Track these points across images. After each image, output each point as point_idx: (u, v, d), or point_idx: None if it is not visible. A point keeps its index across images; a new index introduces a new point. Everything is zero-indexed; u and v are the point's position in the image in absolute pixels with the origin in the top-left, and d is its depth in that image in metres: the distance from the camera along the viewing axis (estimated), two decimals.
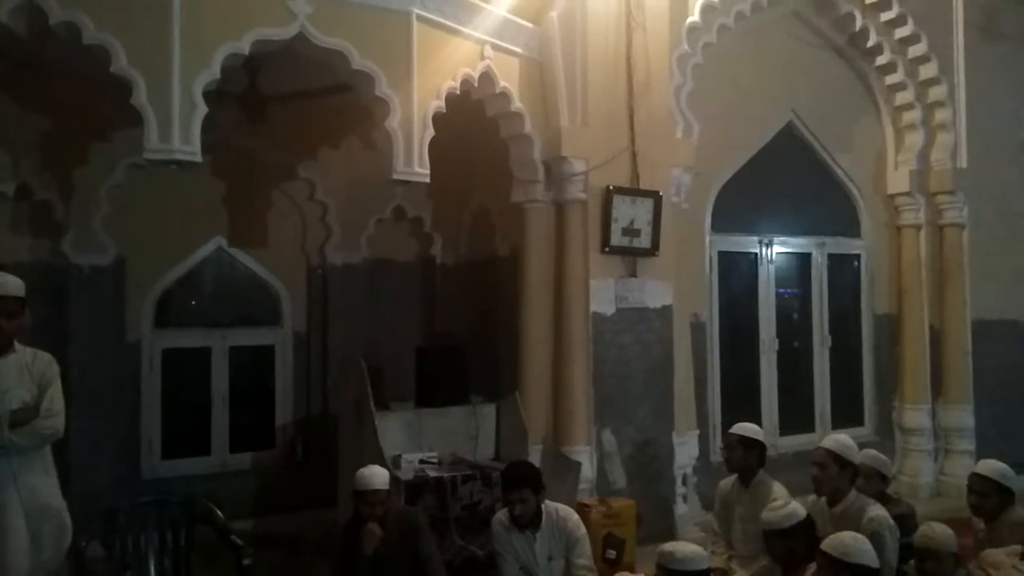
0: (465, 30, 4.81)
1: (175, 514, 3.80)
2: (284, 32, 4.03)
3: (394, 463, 4.75)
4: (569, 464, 5.06)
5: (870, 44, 6.88)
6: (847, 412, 7.14)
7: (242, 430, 6.21)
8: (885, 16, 6.79)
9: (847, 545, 2.88)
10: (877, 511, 3.54)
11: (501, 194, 5.68)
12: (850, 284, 7.28)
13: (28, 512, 3.23)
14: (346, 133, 6.22)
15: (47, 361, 3.39)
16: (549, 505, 3.81)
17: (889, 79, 7.05)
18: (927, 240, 7.13)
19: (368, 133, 5.72)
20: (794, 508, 3.36)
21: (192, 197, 5.84)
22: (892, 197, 7.22)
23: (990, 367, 7.15)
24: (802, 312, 7.08)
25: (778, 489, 3.93)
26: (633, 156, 5.42)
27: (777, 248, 6.85)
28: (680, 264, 5.76)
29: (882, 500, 3.88)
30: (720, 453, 5.21)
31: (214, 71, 3.80)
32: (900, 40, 6.90)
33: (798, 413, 6.90)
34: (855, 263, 7.27)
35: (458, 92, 4.78)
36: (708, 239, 6.36)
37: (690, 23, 5.77)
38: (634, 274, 5.44)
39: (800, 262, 7.06)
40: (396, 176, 4.41)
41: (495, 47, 5.02)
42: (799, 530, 3.28)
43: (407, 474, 4.74)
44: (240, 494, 5.87)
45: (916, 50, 6.91)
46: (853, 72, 7.13)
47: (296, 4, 4.04)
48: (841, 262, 7.21)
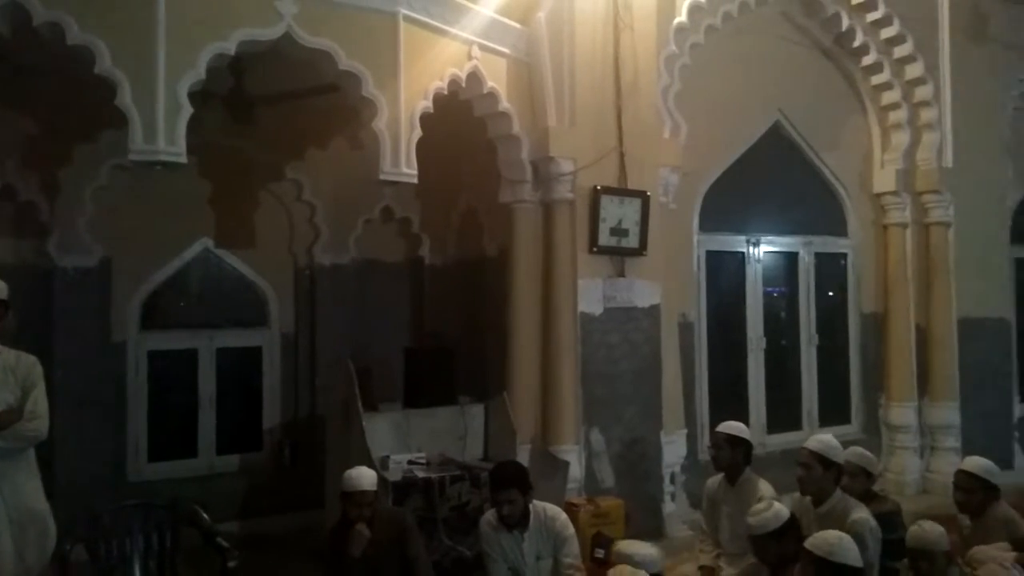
0: (452, 30, 4.80)
1: (160, 517, 3.78)
2: (270, 32, 4.01)
3: (382, 464, 4.74)
4: (557, 464, 5.07)
5: (856, 44, 6.92)
6: (834, 410, 7.18)
7: (229, 432, 6.17)
8: (871, 17, 6.83)
9: (831, 544, 2.89)
10: (860, 513, 3.55)
11: (489, 194, 5.68)
12: (837, 283, 7.32)
13: (12, 515, 3.22)
14: (333, 133, 6.20)
15: (31, 363, 3.37)
16: (537, 505, 3.81)
17: (875, 79, 7.10)
18: (913, 239, 7.18)
19: (356, 133, 5.70)
20: (778, 509, 3.31)
21: (178, 198, 5.80)
22: (878, 196, 7.27)
23: (975, 365, 7.20)
24: (789, 311, 7.13)
25: (764, 487, 3.95)
26: (621, 156, 5.42)
27: (764, 247, 6.88)
28: (668, 264, 5.77)
29: (868, 498, 3.91)
30: (708, 452, 5.23)
31: (199, 72, 3.77)
32: (886, 40, 6.95)
33: (786, 411, 6.94)
34: (842, 262, 7.32)
35: (446, 92, 4.78)
36: (696, 239, 6.38)
37: (677, 24, 5.78)
38: (622, 274, 5.45)
39: (787, 261, 7.10)
40: (383, 177, 4.40)
41: (482, 47, 5.01)
42: (787, 531, 3.27)
43: (395, 475, 4.73)
44: (227, 496, 5.85)
45: (902, 50, 6.95)
46: (840, 72, 7.18)
47: (282, 4, 4.02)
48: (828, 261, 7.25)
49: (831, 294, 7.31)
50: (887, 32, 6.89)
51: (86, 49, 3.60)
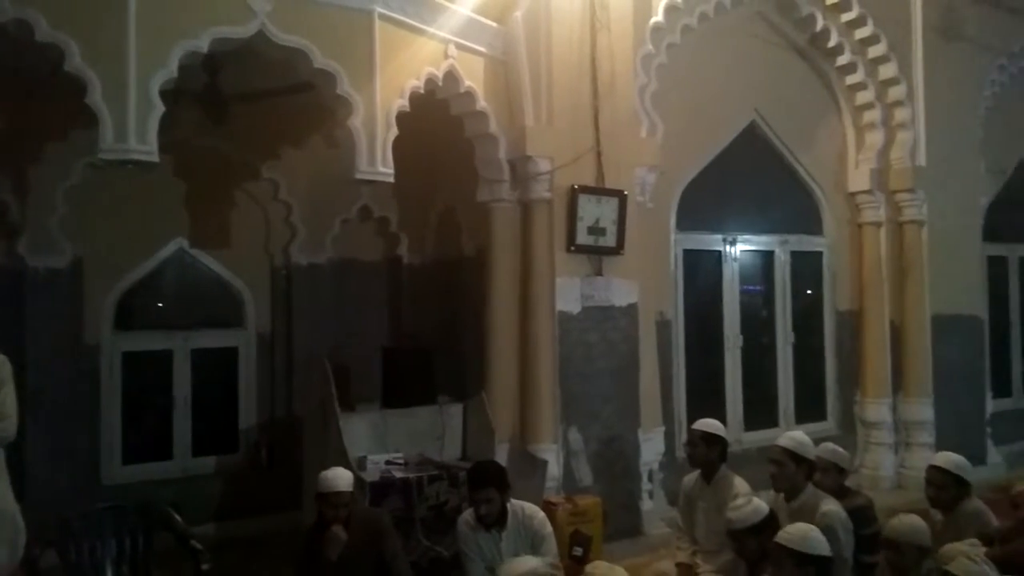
0: (428, 29, 4.79)
1: (133, 520, 3.73)
2: (244, 30, 3.97)
3: (359, 464, 4.73)
4: (536, 463, 5.07)
5: (831, 44, 6.98)
6: (810, 407, 7.25)
7: (205, 434, 6.10)
8: (846, 17, 6.90)
9: (800, 536, 2.97)
10: (830, 506, 3.60)
11: (467, 194, 5.68)
12: (812, 281, 7.39)
13: None
14: (310, 132, 6.15)
15: None
16: (515, 503, 3.81)
17: (850, 79, 7.17)
18: (887, 237, 7.26)
19: (332, 132, 5.65)
20: (757, 505, 3.39)
21: (152, 198, 5.74)
22: (853, 195, 7.34)
23: (949, 361, 7.30)
24: (766, 309, 7.18)
25: (739, 484, 3.98)
26: (598, 155, 5.44)
27: (741, 246, 6.93)
28: (645, 262, 5.80)
29: (841, 493, 3.95)
30: (684, 449, 5.25)
31: (171, 70, 3.73)
32: (860, 41, 7.02)
33: (762, 409, 6.99)
34: (817, 260, 7.38)
35: (422, 91, 4.77)
36: (673, 237, 6.41)
37: (654, 23, 5.80)
38: (600, 273, 5.46)
39: (763, 260, 7.16)
40: (359, 176, 4.38)
41: (459, 46, 5.01)
42: (766, 526, 3.31)
43: (373, 475, 4.72)
44: (203, 498, 5.80)
45: (876, 50, 7.03)
46: (815, 72, 7.24)
47: (256, 2, 3.97)
48: (804, 259, 7.31)
49: (807, 292, 7.37)
50: (861, 32, 6.96)
51: (55, 47, 3.55)
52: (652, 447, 5.75)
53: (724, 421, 5.29)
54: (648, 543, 5.34)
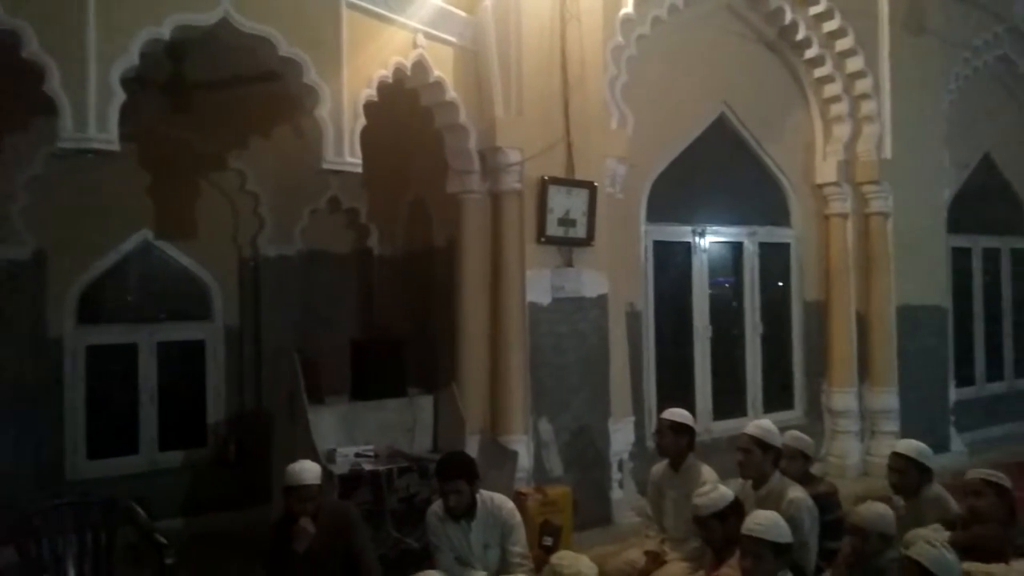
0: (397, 18, 4.75)
1: (95, 515, 3.68)
2: (207, 17, 3.91)
3: (328, 457, 4.70)
4: (506, 453, 5.07)
5: (799, 37, 7.04)
6: (778, 396, 7.33)
7: (172, 428, 6.02)
8: (814, 10, 6.96)
9: (772, 524, 3.03)
10: (796, 493, 3.65)
11: (437, 185, 5.64)
12: (780, 272, 7.45)
13: None
14: (277, 122, 6.07)
15: None
16: (484, 494, 3.81)
17: (817, 72, 7.23)
18: (854, 229, 7.34)
19: (300, 122, 5.60)
20: (723, 491, 3.45)
21: (116, 188, 5.64)
22: (820, 187, 7.42)
23: (914, 351, 7.42)
24: (735, 300, 7.23)
25: (707, 472, 4.02)
26: (568, 147, 5.43)
27: (710, 237, 6.97)
28: (616, 254, 5.81)
29: (805, 479, 4.01)
30: (653, 439, 5.29)
31: (132, 57, 3.66)
32: (828, 34, 7.08)
33: (731, 398, 7.06)
34: (785, 252, 7.45)
35: (391, 81, 4.73)
36: (643, 229, 6.44)
37: (624, 15, 5.80)
38: (570, 264, 5.47)
39: (733, 251, 7.21)
40: (326, 166, 4.34)
41: (428, 36, 4.97)
42: (732, 512, 3.36)
43: (342, 468, 4.69)
44: (171, 493, 5.74)
45: (843, 44, 7.10)
46: (783, 65, 7.30)
47: None
48: (772, 251, 7.37)
49: (776, 283, 7.44)
50: (829, 26, 7.02)
51: (12, 33, 3.47)
52: (622, 437, 5.78)
53: (693, 411, 5.34)
54: (618, 532, 5.37)
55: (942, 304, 7.80)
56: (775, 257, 7.40)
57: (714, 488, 3.45)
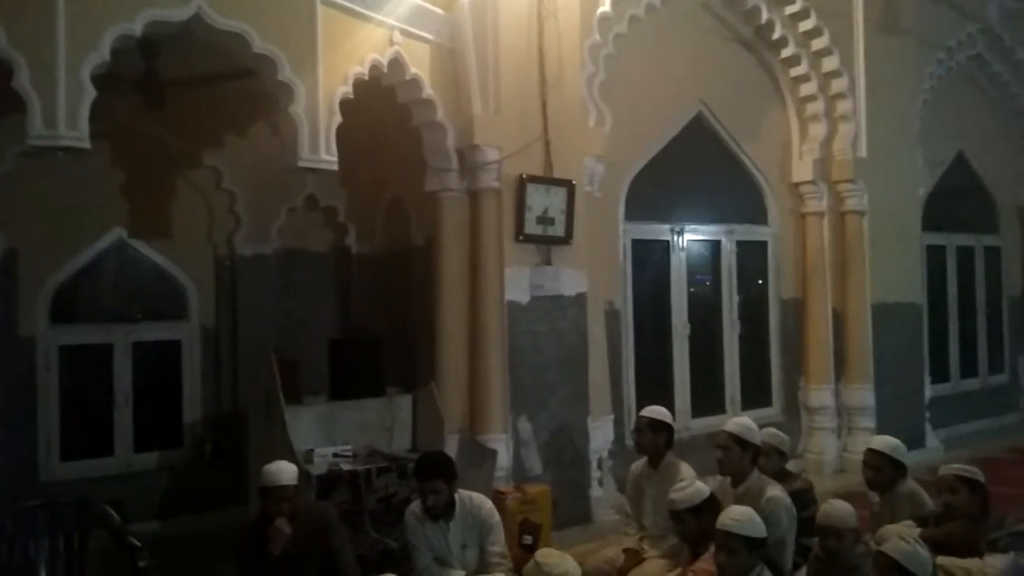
0: (373, 15, 4.73)
1: (68, 517, 3.62)
2: (179, 13, 3.87)
3: (306, 458, 4.67)
4: (486, 452, 5.06)
5: (776, 37, 7.08)
6: (756, 394, 7.37)
7: (148, 429, 5.94)
8: (789, 10, 7.01)
9: (738, 517, 3.06)
10: (775, 491, 3.67)
11: (415, 183, 5.62)
12: (758, 270, 7.50)
13: None
14: (253, 119, 6.01)
15: None
16: (463, 493, 3.80)
17: (794, 71, 7.29)
18: (830, 227, 7.41)
19: (276, 119, 5.55)
20: (699, 487, 3.48)
21: (89, 186, 5.57)
22: (797, 185, 7.48)
23: (889, 348, 7.49)
24: (713, 298, 7.27)
25: (685, 470, 4.03)
26: (546, 145, 5.43)
27: (688, 236, 7.00)
28: (594, 252, 5.82)
29: (781, 476, 4.04)
30: (632, 436, 5.30)
31: (103, 53, 3.62)
32: (804, 33, 7.14)
33: (709, 396, 7.09)
34: (762, 250, 7.49)
35: (367, 78, 4.70)
36: (621, 227, 6.45)
37: (601, 13, 5.81)
38: (549, 262, 5.47)
39: (710, 249, 7.24)
40: (302, 163, 4.31)
41: (404, 33, 4.95)
42: (707, 507, 3.37)
43: (320, 468, 4.66)
44: (147, 495, 5.68)
45: (819, 43, 7.16)
46: (760, 64, 7.35)
47: None
48: (749, 249, 7.41)
49: (753, 281, 7.49)
50: (805, 25, 7.08)
51: None
52: (601, 435, 5.79)
53: (672, 408, 5.35)
54: (598, 530, 5.38)
55: (917, 301, 7.88)
56: (752, 255, 7.44)
57: (690, 483, 3.48)
